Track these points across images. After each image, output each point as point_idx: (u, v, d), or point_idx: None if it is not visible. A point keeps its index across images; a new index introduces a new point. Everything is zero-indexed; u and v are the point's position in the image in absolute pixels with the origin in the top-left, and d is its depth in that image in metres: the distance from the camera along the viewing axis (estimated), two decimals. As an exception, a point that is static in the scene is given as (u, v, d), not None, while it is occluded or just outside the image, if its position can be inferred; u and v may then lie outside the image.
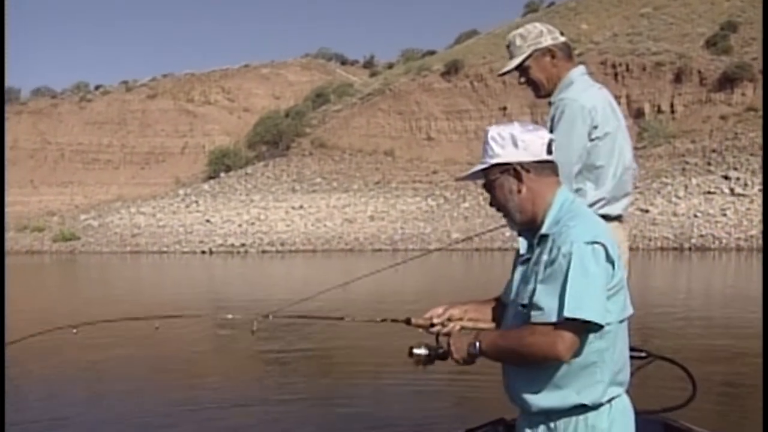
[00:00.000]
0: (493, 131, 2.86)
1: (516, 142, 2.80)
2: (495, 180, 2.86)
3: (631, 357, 3.33)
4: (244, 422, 8.20)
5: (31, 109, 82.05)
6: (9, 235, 55.92)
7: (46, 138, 78.01)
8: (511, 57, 4.10)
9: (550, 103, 4.04)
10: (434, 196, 51.05)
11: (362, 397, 9.16)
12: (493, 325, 3.07)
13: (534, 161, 2.81)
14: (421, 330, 3.11)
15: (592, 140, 3.90)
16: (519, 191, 2.81)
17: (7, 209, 65.83)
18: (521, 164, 2.80)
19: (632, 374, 3.35)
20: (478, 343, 2.80)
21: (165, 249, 46.94)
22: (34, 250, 50.80)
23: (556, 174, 2.88)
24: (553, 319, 2.58)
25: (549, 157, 2.84)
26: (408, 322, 3.16)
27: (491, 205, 2.93)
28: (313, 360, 11.45)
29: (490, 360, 2.82)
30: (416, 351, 2.97)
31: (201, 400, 9.11)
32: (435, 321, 3.08)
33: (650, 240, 35.80)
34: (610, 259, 2.66)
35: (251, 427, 8.09)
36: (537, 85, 4.11)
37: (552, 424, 2.75)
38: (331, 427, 8.03)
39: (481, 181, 2.93)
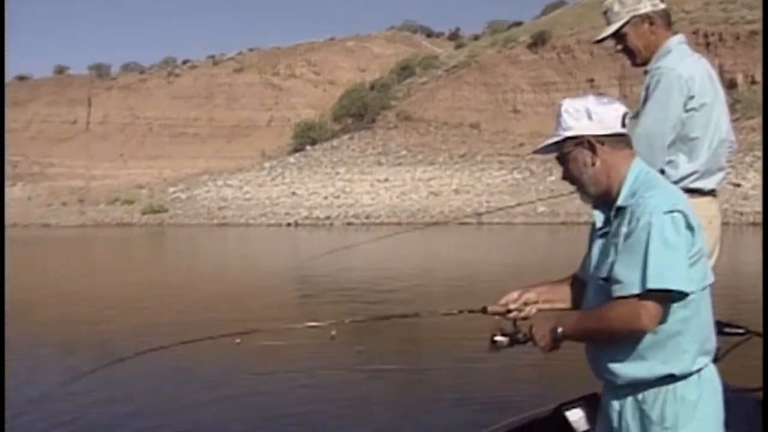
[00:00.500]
0: (567, 104, 2.86)
1: (590, 114, 2.80)
2: (569, 153, 2.85)
3: (729, 333, 3.24)
4: (330, 386, 8.31)
5: (121, 85, 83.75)
6: (100, 207, 57.37)
7: (135, 113, 79.55)
8: (608, 23, 3.99)
9: (645, 72, 3.94)
10: (520, 170, 50.67)
11: (446, 373, 9.17)
12: (569, 304, 3.06)
13: (608, 134, 2.80)
14: (497, 317, 3.09)
15: (687, 111, 3.79)
16: (593, 164, 2.80)
17: (97, 182, 67.59)
18: (595, 137, 2.79)
19: (729, 351, 3.26)
20: (560, 329, 2.78)
21: (251, 221, 47.58)
22: (124, 222, 51.98)
23: (631, 147, 2.87)
24: (635, 291, 2.57)
25: (623, 130, 2.83)
26: (484, 311, 3.13)
27: (564, 178, 2.93)
28: (395, 330, 11.46)
29: (574, 342, 2.79)
30: (497, 339, 2.97)
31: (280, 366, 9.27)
32: (511, 307, 3.06)
33: (742, 215, 35.01)
34: (689, 227, 2.64)
35: (337, 390, 8.25)
36: (633, 53, 4.00)
37: (640, 396, 2.73)
38: (416, 403, 8.05)
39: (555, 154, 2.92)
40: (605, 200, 2.82)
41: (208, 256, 30.22)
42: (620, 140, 2.81)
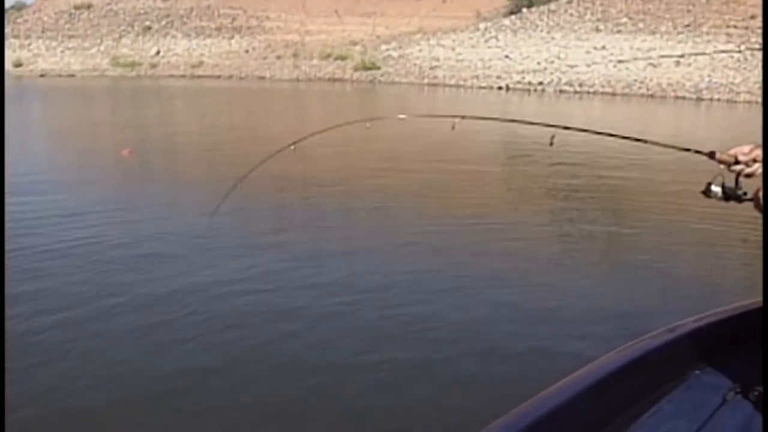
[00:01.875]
0: None
1: None
2: None
3: None
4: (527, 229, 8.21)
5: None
6: (313, 62, 58.53)
7: (352, -32, 79.78)
8: None
9: None
10: (749, 44, 47.78)
11: (647, 230, 8.94)
12: None
13: None
14: (722, 166, 2.93)
15: None
16: None
17: (311, 38, 68.69)
18: None
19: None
20: None
21: (462, 83, 47.43)
22: (336, 77, 52.93)
23: None
24: None
25: None
26: (712, 155, 2.95)
27: None
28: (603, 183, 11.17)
29: None
30: (713, 188, 2.93)
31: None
32: (740, 158, 2.88)
33: None
34: None
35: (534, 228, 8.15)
36: None
37: None
38: (612, 254, 7.84)
39: None
40: None
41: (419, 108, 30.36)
42: None
